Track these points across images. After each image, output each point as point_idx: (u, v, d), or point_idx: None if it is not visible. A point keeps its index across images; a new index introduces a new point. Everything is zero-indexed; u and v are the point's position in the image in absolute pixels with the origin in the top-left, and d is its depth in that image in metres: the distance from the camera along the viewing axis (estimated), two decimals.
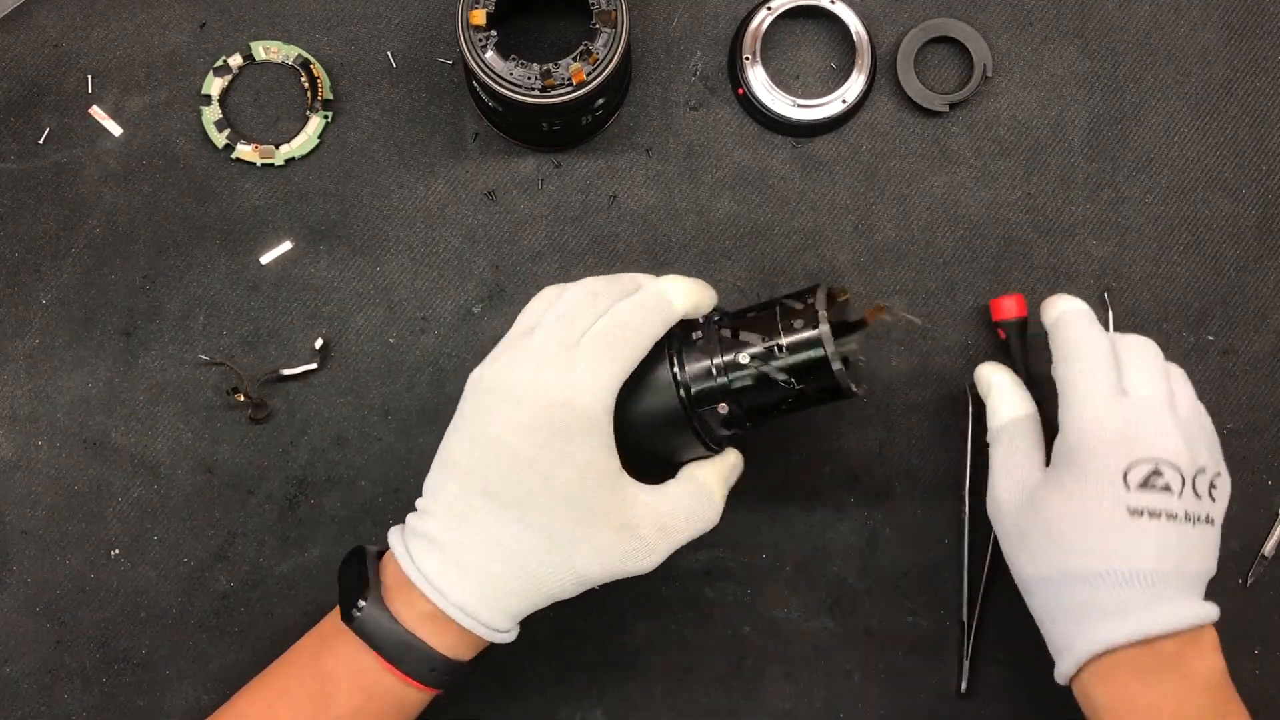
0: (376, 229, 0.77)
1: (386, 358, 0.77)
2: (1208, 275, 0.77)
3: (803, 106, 0.76)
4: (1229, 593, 0.76)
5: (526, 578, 0.60)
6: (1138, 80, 0.78)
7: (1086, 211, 0.77)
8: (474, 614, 0.60)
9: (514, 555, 0.59)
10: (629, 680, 0.76)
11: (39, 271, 0.76)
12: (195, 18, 0.78)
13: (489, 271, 0.77)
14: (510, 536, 0.59)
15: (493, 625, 0.61)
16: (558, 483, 0.58)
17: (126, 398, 0.76)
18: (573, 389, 0.59)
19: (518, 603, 0.61)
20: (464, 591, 0.60)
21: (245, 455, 0.76)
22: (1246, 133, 0.78)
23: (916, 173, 0.78)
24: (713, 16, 0.78)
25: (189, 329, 0.76)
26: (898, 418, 0.77)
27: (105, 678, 0.75)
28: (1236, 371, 0.77)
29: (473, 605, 0.60)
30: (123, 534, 0.75)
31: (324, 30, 0.78)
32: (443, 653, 0.61)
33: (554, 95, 0.70)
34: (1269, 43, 0.78)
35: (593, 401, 0.59)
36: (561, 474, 0.58)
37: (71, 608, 0.75)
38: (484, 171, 0.77)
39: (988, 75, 0.77)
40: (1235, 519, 0.76)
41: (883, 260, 0.77)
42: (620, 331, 0.60)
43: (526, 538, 0.59)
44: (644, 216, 0.77)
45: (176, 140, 0.77)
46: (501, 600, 0.60)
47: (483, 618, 0.60)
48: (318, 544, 0.76)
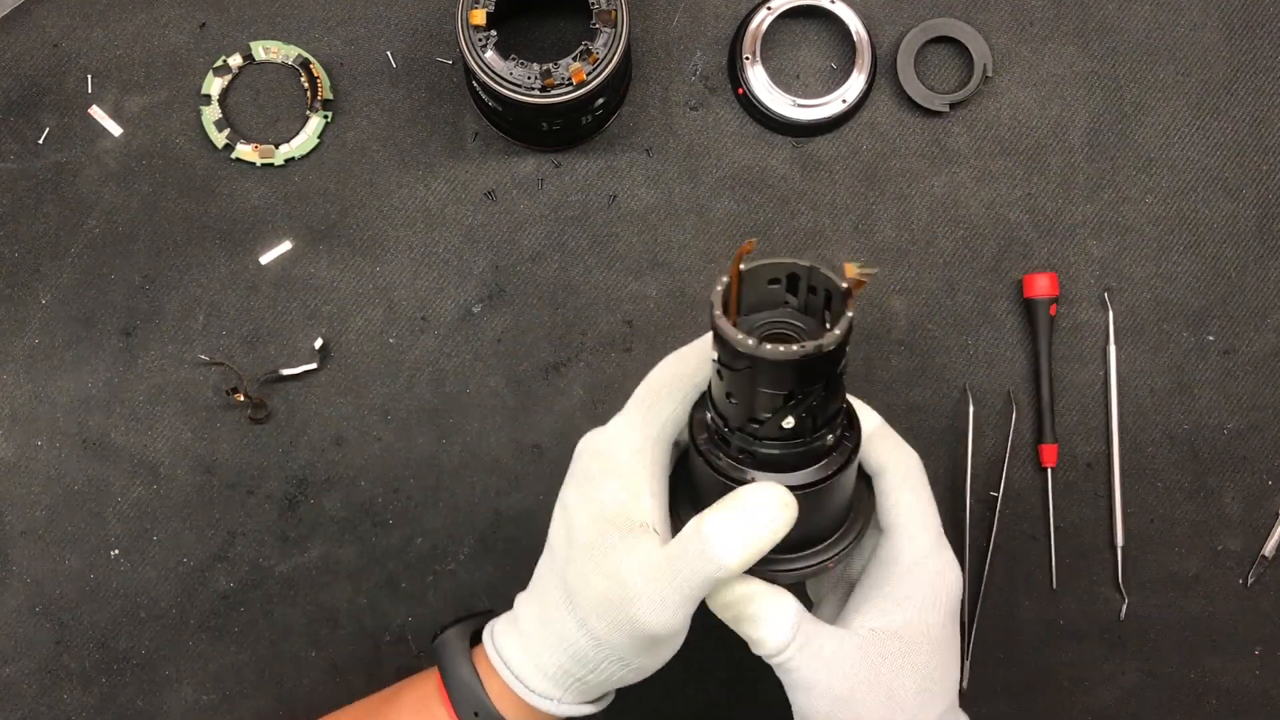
0: (376, 229, 0.77)
1: (386, 358, 0.76)
2: (1208, 275, 0.77)
3: (803, 106, 0.76)
4: (1229, 593, 0.76)
5: (549, 634, 0.57)
6: (1138, 80, 0.78)
7: (1087, 211, 0.77)
8: (513, 668, 0.58)
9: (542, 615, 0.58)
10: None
11: (39, 271, 0.76)
12: (195, 18, 0.78)
13: (489, 271, 0.77)
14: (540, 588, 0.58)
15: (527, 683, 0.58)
16: (576, 525, 0.57)
17: (126, 398, 0.76)
18: (605, 439, 0.58)
19: (551, 660, 0.57)
20: (509, 648, 0.59)
21: (245, 455, 0.76)
22: (1247, 133, 0.78)
23: (916, 173, 0.77)
24: (713, 16, 0.78)
25: (189, 329, 0.76)
26: (898, 418, 0.77)
27: (105, 678, 0.75)
28: (1236, 371, 0.77)
29: (512, 659, 0.59)
30: (122, 534, 0.75)
31: (324, 30, 0.78)
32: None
33: (554, 95, 0.70)
34: (1269, 43, 0.78)
35: (613, 445, 0.57)
36: (579, 518, 0.57)
37: (71, 608, 0.75)
38: (484, 171, 0.77)
39: (988, 75, 0.77)
40: (1235, 519, 0.76)
41: (883, 260, 0.77)
42: (648, 383, 0.58)
43: (544, 575, 0.58)
44: (644, 216, 0.77)
45: (176, 140, 0.77)
46: (533, 658, 0.58)
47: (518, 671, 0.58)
48: (317, 544, 0.76)
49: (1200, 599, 0.76)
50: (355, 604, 0.76)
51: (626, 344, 0.77)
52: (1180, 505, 0.77)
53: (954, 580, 0.58)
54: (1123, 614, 0.76)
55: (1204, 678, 0.76)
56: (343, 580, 0.76)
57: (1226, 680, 0.76)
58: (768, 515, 0.52)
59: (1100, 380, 0.77)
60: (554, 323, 0.77)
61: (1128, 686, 0.76)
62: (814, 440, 0.53)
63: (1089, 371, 0.77)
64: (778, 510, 0.52)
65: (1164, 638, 0.76)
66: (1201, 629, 0.76)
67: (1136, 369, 0.77)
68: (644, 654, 0.56)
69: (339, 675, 0.76)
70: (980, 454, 0.76)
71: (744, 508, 0.53)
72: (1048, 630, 0.76)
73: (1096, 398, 0.77)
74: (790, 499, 0.52)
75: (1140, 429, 0.77)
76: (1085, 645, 0.76)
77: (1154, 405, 0.77)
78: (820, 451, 0.53)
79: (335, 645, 0.76)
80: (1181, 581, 0.76)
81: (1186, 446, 0.77)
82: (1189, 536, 0.77)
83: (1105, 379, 0.77)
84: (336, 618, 0.76)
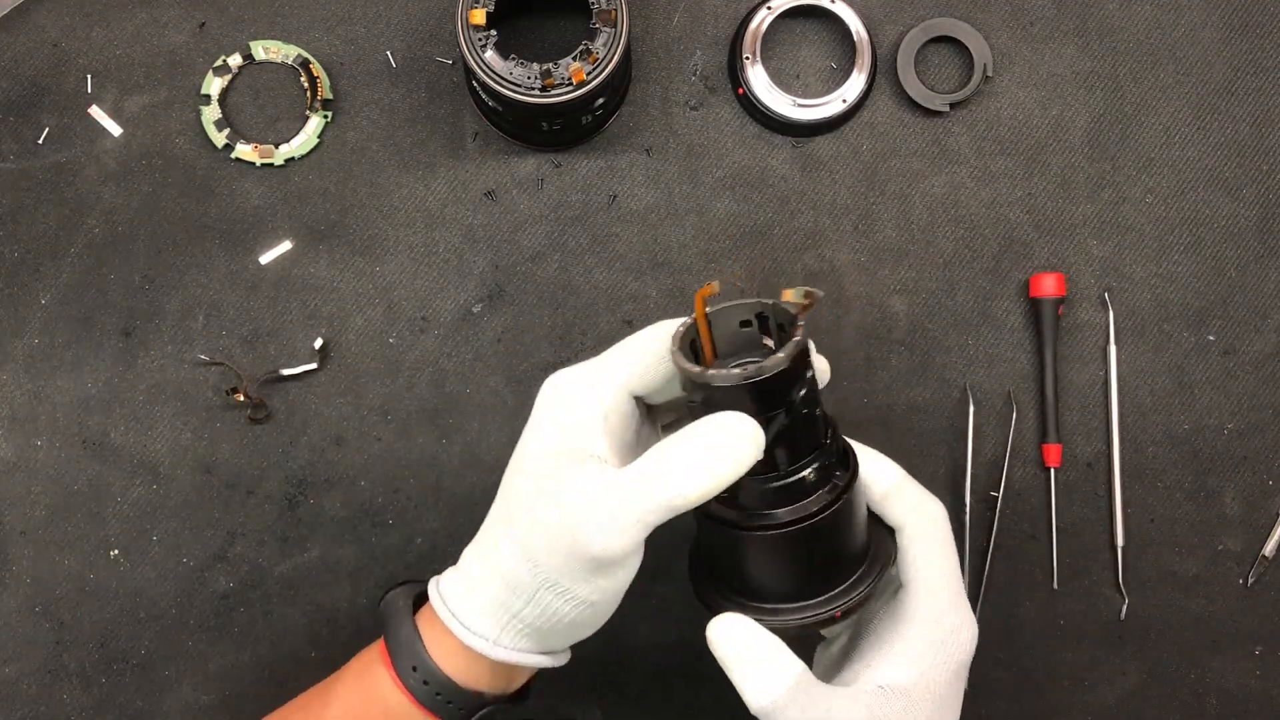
0: (376, 229, 0.77)
1: (386, 358, 0.76)
2: (1208, 275, 0.77)
3: (803, 106, 0.76)
4: (1229, 593, 0.76)
5: (486, 563, 0.56)
6: (1138, 80, 0.78)
7: (1087, 211, 0.77)
8: (458, 614, 0.57)
9: (481, 546, 0.57)
10: (629, 680, 0.76)
11: (38, 271, 0.76)
12: (195, 17, 0.78)
13: (489, 271, 0.77)
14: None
15: (468, 624, 0.57)
16: (524, 455, 0.55)
17: (126, 398, 0.76)
18: (564, 377, 0.57)
19: (485, 594, 0.56)
20: (451, 589, 0.58)
21: (245, 455, 0.76)
22: (1247, 133, 0.78)
23: (917, 173, 0.77)
24: (713, 16, 0.78)
25: (188, 329, 0.76)
26: (898, 418, 0.77)
27: (104, 678, 0.75)
28: (1237, 371, 0.77)
29: (450, 597, 0.57)
30: (122, 534, 0.75)
31: (324, 30, 0.78)
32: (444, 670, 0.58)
33: (554, 95, 0.69)
34: (1269, 43, 0.78)
35: (570, 383, 0.56)
36: (528, 447, 0.56)
37: (71, 608, 0.75)
38: (484, 171, 0.77)
39: (988, 75, 0.77)
40: (1236, 519, 0.76)
41: (883, 260, 0.77)
42: (624, 341, 0.57)
43: (491, 513, 0.57)
44: (644, 216, 0.77)
45: (176, 140, 0.77)
46: (470, 595, 0.57)
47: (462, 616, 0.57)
48: (317, 544, 0.76)
49: (1200, 599, 0.76)
50: (355, 604, 0.76)
51: None
52: (1180, 505, 0.77)
53: (969, 639, 0.56)
54: (1123, 614, 0.76)
55: (1204, 678, 0.76)
56: (343, 580, 0.76)
57: (1226, 680, 0.76)
58: (733, 444, 0.50)
59: (1100, 380, 0.77)
60: (554, 323, 0.77)
61: (1128, 686, 0.76)
62: (790, 475, 0.52)
63: (1089, 371, 0.77)
64: (745, 441, 0.51)
65: (1164, 638, 0.76)
66: (1201, 629, 0.76)
67: (1137, 369, 0.77)
68: (583, 581, 0.53)
69: None
70: (980, 454, 0.76)
71: (709, 434, 0.51)
72: (1048, 630, 0.76)
73: (1097, 398, 0.77)
74: (759, 434, 0.50)
75: (1140, 429, 0.77)
76: (1085, 645, 0.76)
77: (1154, 405, 0.77)
78: (801, 488, 0.53)
79: (335, 645, 0.76)
80: (1181, 581, 0.76)
81: (1187, 446, 0.77)
82: (1189, 536, 0.77)
83: (1105, 379, 0.77)
84: (336, 618, 0.76)
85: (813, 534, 0.53)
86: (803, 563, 0.54)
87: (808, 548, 0.53)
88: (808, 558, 0.54)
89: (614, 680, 0.76)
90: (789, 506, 0.53)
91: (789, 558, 0.54)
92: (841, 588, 0.55)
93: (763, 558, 0.54)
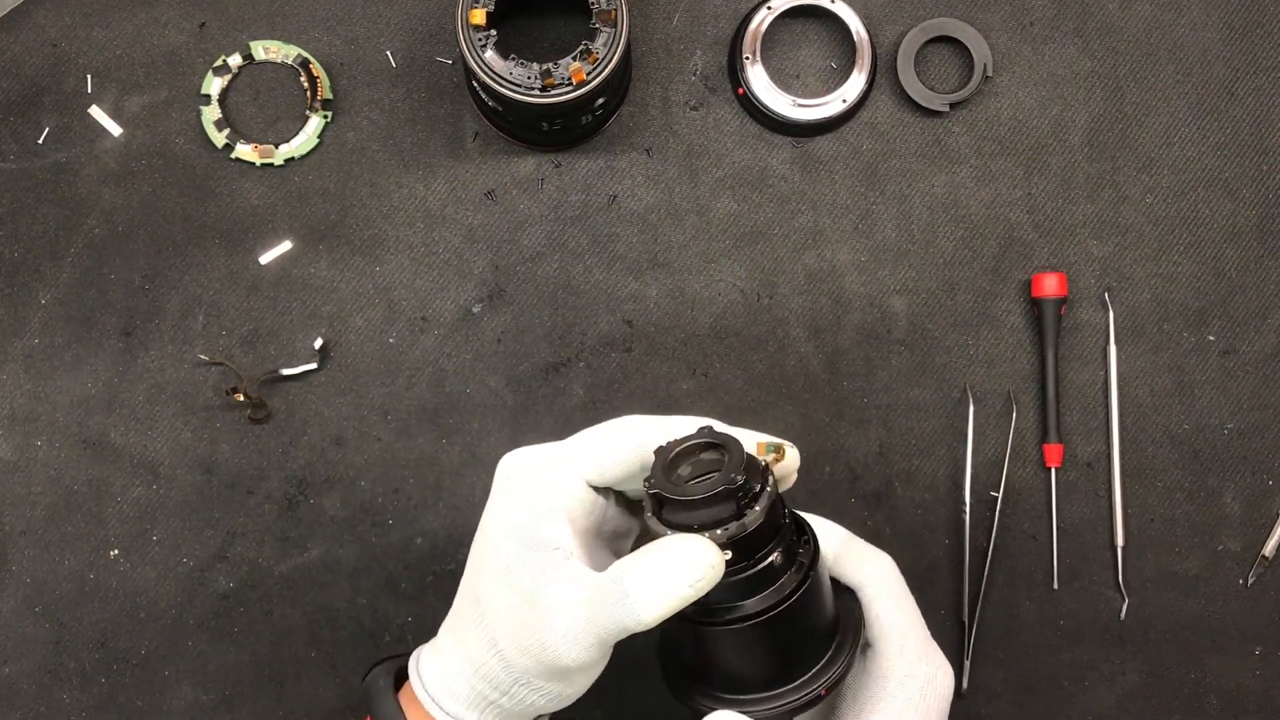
0: (376, 229, 0.77)
1: (386, 358, 0.76)
2: (1208, 275, 0.77)
3: (803, 106, 0.76)
4: (1229, 593, 0.76)
5: (460, 653, 0.55)
6: (1138, 80, 0.78)
7: (1087, 211, 0.77)
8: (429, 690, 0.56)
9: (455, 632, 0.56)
10: (629, 680, 0.76)
11: (38, 271, 0.76)
12: (194, 17, 0.78)
13: (489, 271, 0.77)
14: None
15: (449, 710, 0.56)
16: (491, 543, 0.55)
17: (126, 397, 0.76)
18: (525, 459, 0.57)
19: (463, 684, 0.55)
20: (429, 671, 0.57)
21: (245, 455, 0.76)
22: (1247, 133, 0.78)
23: (917, 173, 0.77)
24: (713, 16, 0.78)
25: (188, 329, 0.76)
26: (898, 418, 0.77)
27: (104, 678, 0.75)
28: (1237, 371, 0.77)
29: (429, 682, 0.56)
30: (122, 534, 0.75)
31: (324, 30, 0.78)
32: None
33: (554, 95, 0.69)
34: (1269, 43, 0.78)
35: (533, 467, 0.55)
36: (494, 536, 0.55)
37: (71, 608, 0.75)
38: (484, 171, 0.77)
39: (988, 75, 0.77)
40: (1235, 519, 0.76)
41: (883, 260, 0.77)
42: (593, 429, 0.57)
43: (461, 595, 0.56)
44: (644, 216, 0.77)
45: (176, 140, 0.77)
46: (447, 681, 0.56)
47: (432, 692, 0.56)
48: (317, 544, 0.76)
49: (1200, 599, 0.76)
50: (355, 604, 0.76)
51: (626, 344, 0.77)
52: (1180, 505, 0.77)
53: (945, 685, 0.56)
54: (1123, 614, 0.76)
55: (1204, 678, 0.76)
56: (343, 580, 0.76)
57: (1226, 680, 0.76)
58: (691, 570, 0.50)
59: (1100, 380, 0.77)
60: (554, 323, 0.77)
61: (1128, 686, 0.76)
62: (757, 564, 0.51)
63: (1089, 371, 0.77)
64: (702, 567, 0.50)
65: (1164, 638, 0.76)
66: (1201, 629, 0.76)
67: (1137, 369, 0.77)
68: (556, 681, 0.54)
69: (339, 675, 0.76)
70: (980, 454, 0.76)
71: (667, 560, 0.50)
72: (1048, 630, 0.76)
73: (1097, 398, 0.77)
74: (717, 557, 0.50)
75: (1140, 429, 0.77)
76: (1085, 645, 0.76)
77: (1154, 405, 0.77)
78: (769, 575, 0.52)
79: (335, 645, 0.76)
80: (1181, 581, 0.76)
81: (1186, 446, 0.77)
82: (1189, 536, 0.77)
83: (1105, 379, 0.77)
84: (336, 618, 0.76)
85: (788, 618, 0.52)
86: (781, 647, 0.53)
87: (785, 632, 0.53)
88: (786, 641, 0.53)
89: (614, 681, 0.76)
90: (760, 595, 0.52)
91: (767, 646, 0.53)
92: (822, 663, 0.54)
93: (742, 649, 0.53)
